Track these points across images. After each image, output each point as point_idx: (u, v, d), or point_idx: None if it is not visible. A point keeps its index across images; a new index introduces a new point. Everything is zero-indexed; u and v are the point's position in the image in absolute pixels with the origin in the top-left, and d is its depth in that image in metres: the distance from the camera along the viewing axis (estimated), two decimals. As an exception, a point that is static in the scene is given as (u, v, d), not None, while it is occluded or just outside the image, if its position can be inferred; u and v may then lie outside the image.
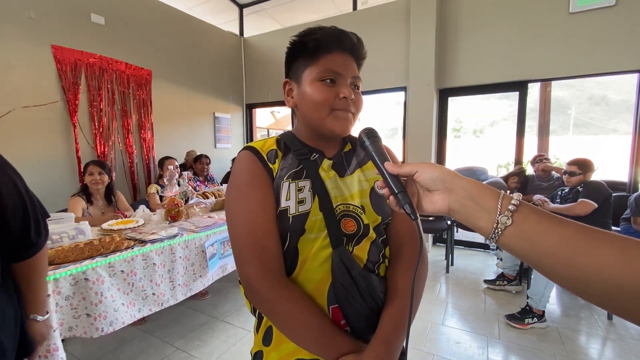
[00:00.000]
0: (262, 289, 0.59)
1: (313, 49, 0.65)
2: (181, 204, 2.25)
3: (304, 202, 0.64)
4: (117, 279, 1.52)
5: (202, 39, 4.36)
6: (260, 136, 8.32)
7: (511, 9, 3.32)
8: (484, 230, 0.42)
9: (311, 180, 0.66)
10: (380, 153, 0.54)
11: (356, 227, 0.66)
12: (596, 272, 0.33)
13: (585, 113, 11.01)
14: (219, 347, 2.03)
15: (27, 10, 2.68)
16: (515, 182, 3.25)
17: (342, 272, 0.62)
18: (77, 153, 3.02)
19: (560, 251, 0.36)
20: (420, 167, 0.47)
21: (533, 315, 2.21)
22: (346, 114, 0.66)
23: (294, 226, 0.63)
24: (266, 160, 0.66)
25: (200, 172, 3.57)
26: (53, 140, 2.88)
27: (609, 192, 2.40)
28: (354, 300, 0.61)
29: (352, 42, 0.67)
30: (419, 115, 3.68)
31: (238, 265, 0.63)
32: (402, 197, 0.48)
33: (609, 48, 2.95)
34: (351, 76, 0.66)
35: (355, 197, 0.68)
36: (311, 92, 0.65)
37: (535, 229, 0.38)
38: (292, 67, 0.69)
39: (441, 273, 3.20)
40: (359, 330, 0.64)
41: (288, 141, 0.70)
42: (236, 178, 0.66)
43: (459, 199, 0.44)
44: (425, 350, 1.98)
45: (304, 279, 0.64)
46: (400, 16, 3.78)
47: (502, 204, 0.40)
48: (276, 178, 0.65)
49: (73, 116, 2.96)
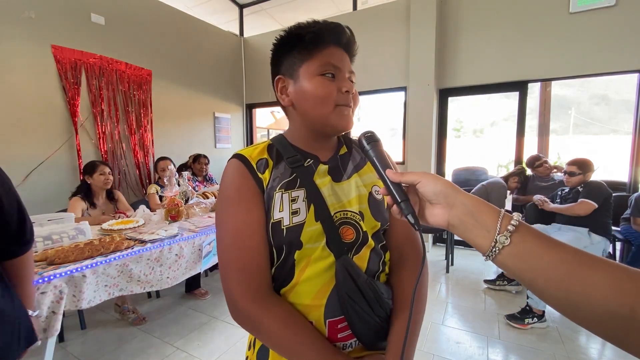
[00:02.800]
0: (245, 307, 0.57)
1: (310, 42, 0.62)
2: (181, 204, 2.26)
3: (298, 212, 0.61)
4: (111, 269, 1.55)
5: (202, 39, 4.36)
6: (261, 136, 8.32)
7: (511, 9, 3.32)
8: (481, 247, 0.42)
9: (305, 189, 0.63)
10: (382, 159, 0.53)
11: (355, 235, 0.64)
12: (588, 296, 0.34)
13: (586, 113, 11.01)
14: (219, 347, 2.03)
15: (27, 10, 2.68)
16: (516, 182, 3.25)
17: (347, 282, 0.59)
18: (79, 153, 3.01)
19: (555, 274, 0.37)
20: (423, 177, 0.47)
21: (533, 315, 2.21)
22: (349, 109, 0.64)
23: (288, 238, 0.60)
24: (255, 169, 0.63)
25: (198, 172, 3.57)
26: (53, 140, 2.88)
27: (609, 192, 2.40)
28: (363, 311, 0.59)
29: (347, 37, 0.65)
30: (419, 115, 3.68)
31: (222, 281, 0.61)
32: (405, 207, 0.48)
33: (609, 48, 2.95)
34: (348, 71, 0.65)
35: (353, 203, 0.65)
36: (312, 87, 0.62)
37: (532, 251, 0.39)
38: (284, 63, 0.65)
39: (441, 273, 3.20)
40: (369, 341, 0.62)
41: (280, 147, 0.67)
42: (223, 190, 0.63)
43: (458, 215, 0.44)
44: (425, 350, 1.98)
45: (300, 291, 0.61)
46: (400, 16, 3.78)
47: (502, 223, 0.41)
48: (267, 189, 0.62)
49: (74, 116, 2.96)
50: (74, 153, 3.01)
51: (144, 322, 2.30)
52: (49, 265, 1.40)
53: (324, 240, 0.61)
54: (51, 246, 1.60)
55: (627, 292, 0.32)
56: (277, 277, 0.63)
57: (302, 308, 0.61)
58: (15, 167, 2.64)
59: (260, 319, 0.57)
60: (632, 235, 2.62)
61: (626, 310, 0.32)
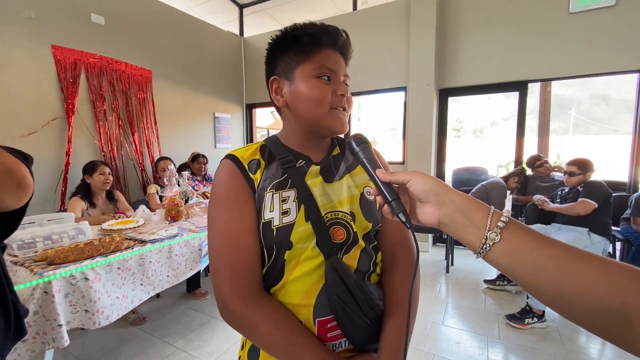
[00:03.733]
0: (234, 306, 0.58)
1: (307, 44, 0.62)
2: (181, 204, 2.26)
3: (288, 213, 0.62)
4: (113, 274, 1.54)
5: (202, 39, 4.36)
6: (260, 136, 8.32)
7: (511, 9, 3.32)
8: (472, 244, 0.42)
9: (296, 190, 0.63)
10: (371, 160, 0.54)
11: (345, 236, 0.64)
12: (580, 291, 0.34)
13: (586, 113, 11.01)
14: (219, 347, 2.03)
15: (27, 10, 2.68)
16: (516, 182, 3.25)
17: (337, 283, 0.59)
18: (68, 151, 3.01)
19: (546, 269, 0.37)
20: (412, 176, 0.47)
21: (533, 315, 2.21)
22: (344, 112, 0.65)
23: (279, 238, 0.60)
24: (247, 170, 0.63)
25: (197, 172, 3.57)
26: (54, 140, 2.88)
27: (609, 192, 2.40)
28: (352, 311, 0.60)
29: (343, 41, 0.66)
30: (419, 115, 3.68)
31: (212, 280, 0.61)
32: (396, 206, 0.48)
33: (609, 48, 2.95)
34: (343, 74, 0.65)
35: (344, 204, 0.66)
36: (308, 89, 0.62)
37: (523, 247, 0.39)
38: (279, 64, 0.66)
39: (441, 273, 3.20)
40: (359, 342, 0.62)
41: (273, 148, 0.67)
42: (215, 190, 0.64)
43: (448, 213, 0.44)
44: (425, 350, 1.98)
45: (289, 290, 0.61)
46: (400, 16, 3.78)
47: (492, 220, 0.41)
48: (258, 189, 0.62)
49: (70, 116, 2.93)
50: (74, 153, 3.01)
51: (144, 322, 2.31)
52: (49, 265, 1.40)
53: (314, 241, 0.62)
54: (51, 246, 1.60)
55: (618, 288, 0.32)
56: (267, 277, 0.63)
57: (292, 307, 0.61)
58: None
59: (250, 319, 0.57)
60: (632, 235, 2.62)
61: (618, 306, 0.32)
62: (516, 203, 3.33)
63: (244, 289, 0.58)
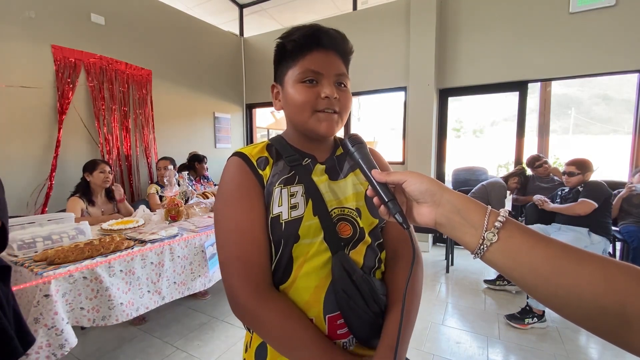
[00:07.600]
0: (245, 300, 0.58)
1: (292, 50, 0.63)
2: (181, 204, 2.26)
3: (296, 207, 0.62)
4: (116, 278, 1.53)
5: (202, 39, 4.36)
6: (260, 136, 8.32)
7: (511, 9, 3.32)
8: (469, 245, 0.42)
9: (304, 185, 0.64)
10: (367, 160, 0.53)
11: (352, 231, 0.65)
12: (578, 291, 0.34)
13: (586, 113, 11.01)
14: (219, 347, 2.03)
15: (27, 10, 2.68)
16: (516, 182, 3.25)
17: (343, 277, 0.60)
18: (57, 150, 3.01)
19: (543, 269, 0.36)
20: (408, 176, 0.47)
21: (533, 315, 2.21)
22: (330, 115, 0.63)
23: (287, 232, 0.61)
24: (256, 166, 0.64)
25: (200, 172, 3.57)
26: (53, 140, 2.88)
27: (609, 192, 2.40)
28: (357, 306, 0.60)
29: (331, 39, 0.64)
30: (419, 115, 3.68)
31: (223, 276, 0.61)
32: (392, 206, 0.48)
33: (609, 48, 2.95)
34: (334, 74, 0.64)
35: (350, 200, 0.67)
36: (292, 94, 0.63)
37: (520, 247, 0.38)
38: (277, 71, 0.69)
39: (441, 273, 3.20)
40: (363, 337, 0.63)
41: (279, 146, 0.68)
42: (224, 186, 0.64)
43: (445, 213, 0.44)
44: (425, 350, 1.98)
45: (299, 287, 0.62)
46: (400, 16, 3.78)
47: (489, 220, 0.41)
48: (267, 185, 0.63)
49: (61, 115, 2.89)
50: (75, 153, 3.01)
51: (144, 322, 2.31)
52: (49, 265, 1.40)
53: (322, 235, 0.62)
54: (51, 246, 1.60)
55: (617, 287, 0.32)
56: (275, 272, 0.63)
57: (303, 305, 0.61)
58: (13, 166, 2.64)
59: (260, 313, 0.58)
60: (632, 235, 2.62)
61: (616, 306, 0.31)
62: (516, 203, 3.33)
63: (255, 284, 0.59)
